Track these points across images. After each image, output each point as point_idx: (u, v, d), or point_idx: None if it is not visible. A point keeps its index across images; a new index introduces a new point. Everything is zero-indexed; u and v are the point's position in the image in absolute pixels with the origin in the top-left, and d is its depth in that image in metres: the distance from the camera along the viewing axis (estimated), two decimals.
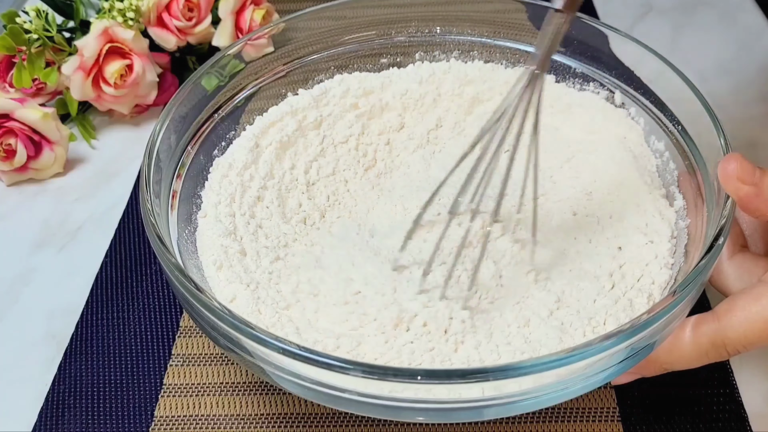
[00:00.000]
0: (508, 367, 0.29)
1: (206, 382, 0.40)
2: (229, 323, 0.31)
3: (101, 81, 0.54)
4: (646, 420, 0.37)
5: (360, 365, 0.29)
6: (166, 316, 0.44)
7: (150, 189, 0.36)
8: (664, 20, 0.69)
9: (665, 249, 0.38)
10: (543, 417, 0.38)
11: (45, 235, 0.50)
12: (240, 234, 0.40)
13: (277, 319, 0.35)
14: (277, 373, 0.31)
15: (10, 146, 0.51)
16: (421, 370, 0.29)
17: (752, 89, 0.59)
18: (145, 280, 0.46)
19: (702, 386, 0.39)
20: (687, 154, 0.41)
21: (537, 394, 0.30)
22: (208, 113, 0.44)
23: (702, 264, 0.32)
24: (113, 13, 0.54)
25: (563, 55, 0.48)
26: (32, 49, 0.54)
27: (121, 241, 0.49)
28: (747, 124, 0.55)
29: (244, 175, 0.43)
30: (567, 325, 0.35)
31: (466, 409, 0.31)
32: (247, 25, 0.59)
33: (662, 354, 0.33)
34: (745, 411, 0.38)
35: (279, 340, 0.29)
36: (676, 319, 0.32)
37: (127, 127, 0.58)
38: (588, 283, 0.37)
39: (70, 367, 0.41)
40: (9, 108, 0.51)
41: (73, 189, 0.53)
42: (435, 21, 0.50)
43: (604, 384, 0.33)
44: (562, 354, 0.29)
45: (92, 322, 0.44)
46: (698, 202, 0.38)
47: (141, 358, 0.41)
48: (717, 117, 0.38)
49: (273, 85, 0.48)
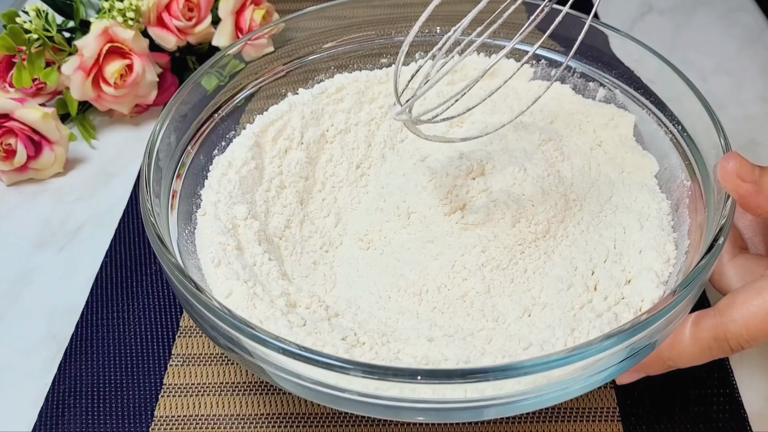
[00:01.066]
0: (509, 366, 0.29)
1: (206, 382, 0.40)
2: (229, 323, 0.31)
3: (101, 81, 0.54)
4: (646, 420, 0.37)
5: (360, 365, 0.29)
6: (166, 315, 0.44)
7: (150, 189, 0.36)
8: (664, 20, 0.69)
9: (663, 249, 0.38)
10: (543, 417, 0.38)
11: (45, 235, 0.50)
12: (239, 231, 0.40)
13: (271, 313, 0.36)
14: (277, 373, 0.31)
15: (10, 146, 0.51)
16: (421, 370, 0.29)
17: (752, 89, 0.59)
18: (145, 280, 0.46)
19: (702, 386, 0.39)
20: (687, 154, 0.41)
21: (537, 394, 0.30)
22: (208, 113, 0.44)
23: (702, 263, 0.32)
24: (113, 13, 0.54)
25: (563, 54, 0.48)
26: (32, 49, 0.54)
27: (121, 241, 0.49)
28: (747, 123, 0.55)
29: (243, 172, 0.43)
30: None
31: (466, 409, 0.31)
32: (247, 25, 0.59)
33: (665, 351, 0.33)
34: (745, 411, 0.38)
35: (279, 340, 0.29)
36: (677, 318, 0.32)
37: (127, 127, 0.58)
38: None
39: (70, 367, 0.41)
40: (9, 108, 0.51)
41: (73, 189, 0.53)
42: (435, 21, 0.50)
43: (604, 384, 0.33)
44: (563, 354, 0.29)
45: (92, 322, 0.44)
46: (698, 203, 0.38)
47: (141, 358, 0.41)
48: (717, 117, 0.38)
49: (273, 85, 0.48)
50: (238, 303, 0.36)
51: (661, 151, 0.43)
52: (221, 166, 0.43)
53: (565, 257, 0.39)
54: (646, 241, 0.39)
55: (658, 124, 0.43)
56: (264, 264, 0.39)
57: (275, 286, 0.38)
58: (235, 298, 0.36)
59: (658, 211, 0.40)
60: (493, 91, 0.36)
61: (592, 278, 0.38)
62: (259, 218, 0.42)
